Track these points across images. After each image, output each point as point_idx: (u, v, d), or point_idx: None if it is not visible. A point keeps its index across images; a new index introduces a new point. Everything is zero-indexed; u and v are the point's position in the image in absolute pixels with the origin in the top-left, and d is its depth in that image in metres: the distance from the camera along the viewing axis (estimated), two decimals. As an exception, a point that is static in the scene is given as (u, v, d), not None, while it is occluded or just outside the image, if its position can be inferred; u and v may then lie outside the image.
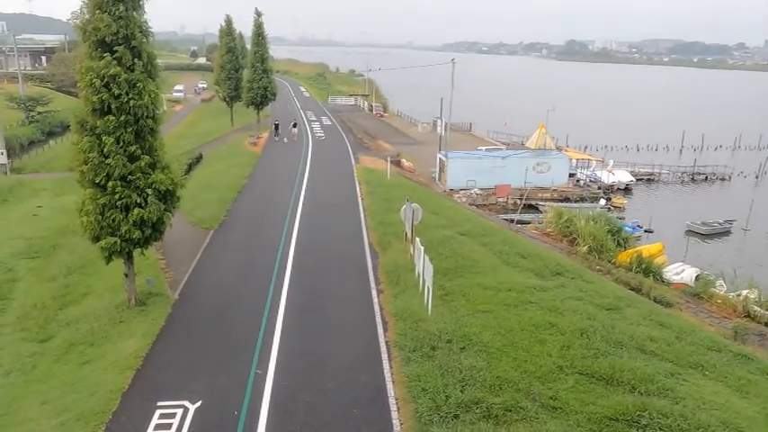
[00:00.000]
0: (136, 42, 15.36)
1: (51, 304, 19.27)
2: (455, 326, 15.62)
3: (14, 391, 14.18)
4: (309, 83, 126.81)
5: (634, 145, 70.25)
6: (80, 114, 15.69)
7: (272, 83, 56.07)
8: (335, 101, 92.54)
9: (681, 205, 48.16)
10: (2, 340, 17.23)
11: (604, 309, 17.43)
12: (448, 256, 21.13)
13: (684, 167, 58.35)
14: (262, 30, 54.42)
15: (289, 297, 18.10)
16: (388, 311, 17.03)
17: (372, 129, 64.89)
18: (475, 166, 45.21)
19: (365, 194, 31.99)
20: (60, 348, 15.91)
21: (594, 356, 14.12)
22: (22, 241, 26.27)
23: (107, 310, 17.52)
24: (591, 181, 49.57)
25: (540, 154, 48.74)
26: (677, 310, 19.47)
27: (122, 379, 13.47)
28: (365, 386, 13.20)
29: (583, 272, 21.40)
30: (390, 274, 19.89)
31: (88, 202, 15.90)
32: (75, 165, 15.83)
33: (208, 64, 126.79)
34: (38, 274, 22.48)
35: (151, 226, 16.40)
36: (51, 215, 30.85)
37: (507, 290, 18.14)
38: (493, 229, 27.23)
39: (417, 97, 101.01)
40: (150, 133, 16.20)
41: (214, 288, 19.12)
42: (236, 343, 15.25)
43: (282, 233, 24.72)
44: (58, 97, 71.96)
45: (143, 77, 15.47)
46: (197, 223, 26.10)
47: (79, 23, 15.25)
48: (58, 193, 36.57)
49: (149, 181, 16.04)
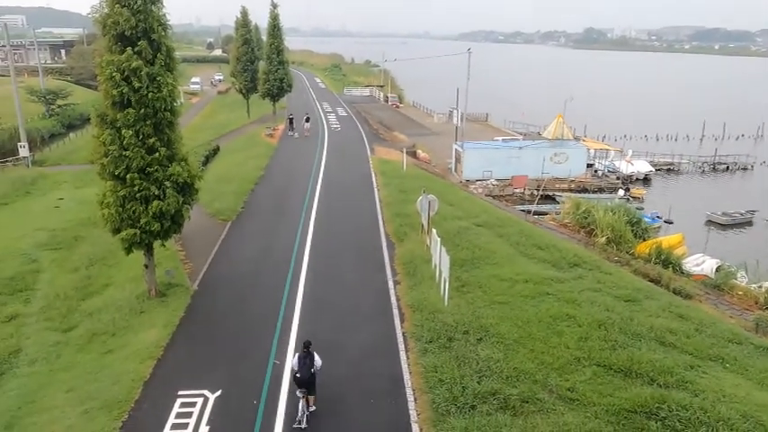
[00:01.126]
0: (155, 36, 15.50)
1: (74, 295, 19.63)
2: (472, 317, 15.63)
3: (40, 379, 14.51)
4: (325, 74, 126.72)
5: (653, 134, 69.22)
6: (100, 107, 15.89)
7: (288, 74, 56.14)
8: (351, 92, 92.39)
9: (701, 196, 47.42)
10: (27, 330, 17.61)
11: (623, 300, 17.32)
12: (464, 247, 21.10)
13: (705, 157, 57.35)
14: (277, 21, 54.45)
15: (306, 288, 18.24)
16: (404, 302, 17.09)
17: (388, 120, 64.74)
18: (491, 157, 44.92)
19: (381, 186, 32.01)
20: (83, 338, 16.23)
21: (612, 348, 14.06)
22: (44, 233, 26.73)
23: (128, 300, 17.81)
24: (609, 171, 48.97)
25: (557, 144, 48.25)
26: (697, 301, 19.27)
27: (144, 368, 13.72)
28: (382, 376, 13.29)
29: (601, 263, 21.26)
30: (407, 266, 19.93)
31: (109, 195, 16.13)
32: (95, 157, 16.05)
33: (224, 56, 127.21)
34: (60, 265, 22.88)
35: (170, 218, 16.60)
36: (73, 207, 31.33)
37: (524, 281, 18.11)
38: (509, 220, 27.11)
39: (433, 87, 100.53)
40: (168, 126, 16.36)
41: (232, 279, 19.33)
42: (255, 333, 15.43)
43: (299, 224, 24.87)
44: (77, 90, 72.76)
45: (162, 71, 15.61)
46: (215, 215, 26.35)
47: (99, 17, 15.42)
48: (79, 185, 37.10)
49: (167, 173, 16.22)
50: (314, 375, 11.69)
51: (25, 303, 19.69)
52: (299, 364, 11.62)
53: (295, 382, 11.76)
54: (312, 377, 11.65)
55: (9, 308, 19.25)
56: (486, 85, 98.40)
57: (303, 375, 11.56)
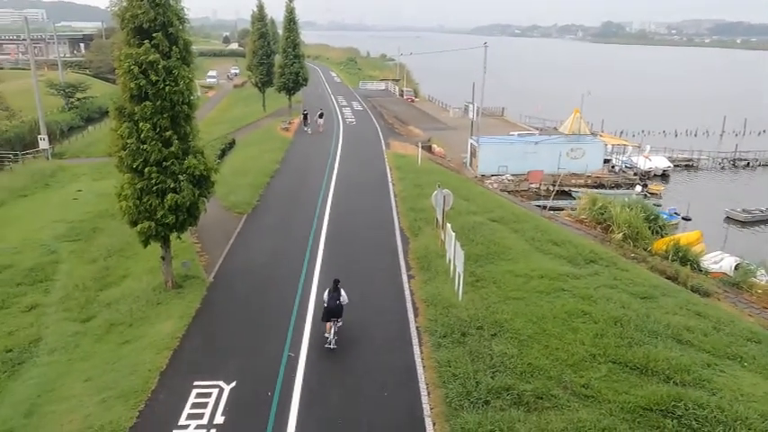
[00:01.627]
0: (173, 29, 15.59)
1: (92, 285, 19.91)
2: (486, 312, 15.59)
3: (59, 368, 14.76)
4: (340, 68, 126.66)
5: (672, 130, 68.30)
6: (118, 100, 16.04)
7: (304, 68, 56.19)
8: (366, 86, 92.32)
9: (721, 192, 46.74)
10: (46, 319, 17.90)
11: (639, 297, 17.16)
12: (479, 242, 21.02)
13: (725, 153, 56.48)
14: (293, 15, 54.47)
15: (320, 280, 18.30)
16: (418, 297, 17.09)
17: (403, 114, 64.60)
18: (507, 152, 44.65)
19: (396, 180, 31.98)
20: (101, 328, 16.46)
21: (628, 345, 13.94)
22: (63, 224, 27.12)
23: (145, 291, 18.03)
24: (627, 167, 48.43)
25: (574, 139, 47.81)
26: (715, 299, 19.03)
27: (160, 359, 13.89)
28: (395, 370, 13.32)
29: (617, 260, 21.06)
30: (421, 260, 19.92)
31: (126, 187, 16.31)
32: (113, 150, 16.23)
33: (240, 49, 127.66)
34: (79, 257, 23.21)
35: (185, 211, 16.73)
36: (91, 199, 31.73)
37: (539, 277, 18.00)
38: (525, 215, 26.95)
39: (449, 82, 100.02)
40: (185, 119, 16.47)
41: (248, 271, 19.47)
42: (270, 325, 15.53)
43: (314, 217, 24.95)
44: (95, 83, 73.62)
45: (179, 64, 15.71)
46: (230, 208, 26.52)
47: (117, 11, 15.54)
48: (97, 177, 37.55)
49: (183, 166, 16.33)
50: (341, 307, 14.27)
51: (45, 293, 20.02)
52: (329, 298, 14.24)
53: (325, 312, 14.30)
54: (339, 308, 14.27)
55: (29, 298, 19.60)
56: (503, 80, 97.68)
57: (331, 306, 14.18)
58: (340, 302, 14.26)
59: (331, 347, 14.07)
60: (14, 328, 17.48)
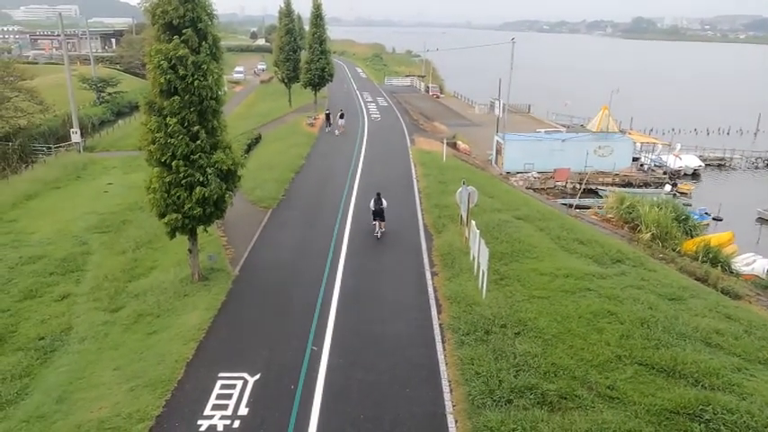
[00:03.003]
0: (202, 25, 15.79)
1: (121, 276, 20.34)
2: (510, 311, 15.48)
3: (89, 356, 15.12)
4: (366, 63, 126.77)
5: (704, 128, 66.74)
6: (149, 95, 16.32)
7: (330, 64, 56.37)
8: (391, 82, 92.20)
9: (754, 193, 45.52)
10: (77, 309, 18.36)
11: (667, 299, 16.85)
12: (503, 240, 20.87)
13: (759, 152, 54.98)
14: (320, 11, 54.62)
15: (344, 276, 18.40)
16: (442, 294, 17.05)
17: (428, 110, 64.37)
18: (533, 149, 44.17)
19: (420, 176, 31.91)
20: (130, 318, 16.81)
21: (655, 347, 13.70)
22: (94, 216, 27.74)
23: (172, 283, 18.34)
24: (656, 165, 47.50)
25: (601, 137, 47.08)
26: (746, 302, 18.58)
27: (186, 350, 14.13)
28: (418, 367, 13.32)
29: (645, 260, 20.70)
30: (445, 257, 19.86)
31: (155, 180, 16.59)
32: (143, 144, 16.53)
33: (267, 45, 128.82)
34: (109, 248, 23.72)
35: (213, 204, 16.97)
36: (121, 192, 32.39)
37: (564, 276, 17.80)
38: (551, 213, 26.65)
39: (475, 78, 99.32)
40: (213, 114, 16.67)
41: (272, 265, 19.66)
42: (294, 319, 15.67)
43: (338, 213, 25.05)
44: (126, 78, 75.05)
45: (208, 59, 15.90)
46: (256, 202, 26.79)
47: (148, 7, 15.80)
48: (127, 170, 38.31)
49: (211, 160, 16.55)
50: (383, 210, 21.63)
51: (76, 283, 20.53)
52: (375, 204, 21.65)
53: (373, 213, 21.79)
54: (382, 211, 21.64)
55: (61, 287, 20.12)
56: (530, 76, 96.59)
57: (377, 209, 21.62)
58: (382, 207, 21.54)
59: (377, 236, 21.64)
60: (47, 317, 17.98)
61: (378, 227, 21.88)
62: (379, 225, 21.85)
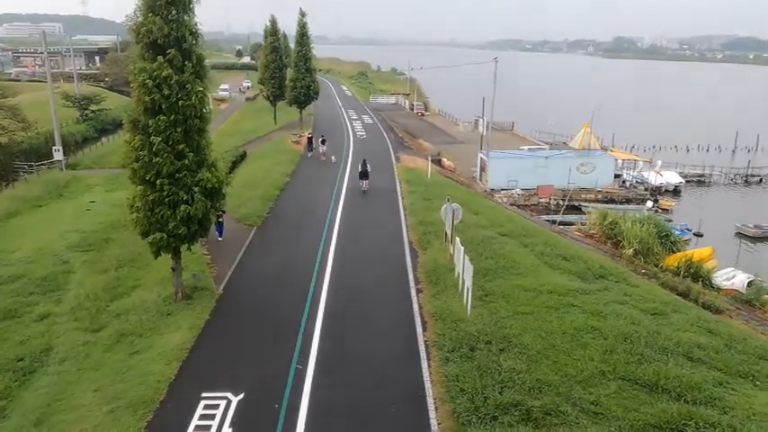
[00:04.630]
0: (186, 44, 15.86)
1: (103, 296, 20.06)
2: (494, 327, 15.53)
3: (68, 377, 14.85)
4: (351, 81, 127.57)
5: (683, 145, 67.95)
6: (133, 113, 16.28)
7: (315, 82, 56.67)
8: (377, 99, 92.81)
9: (733, 208, 46.31)
10: (57, 329, 18.05)
11: (649, 314, 17.04)
12: (488, 256, 20.99)
13: (737, 169, 56.04)
14: (305, 29, 55.05)
15: (329, 294, 18.35)
16: (427, 311, 17.06)
17: (413, 127, 64.82)
18: (517, 166, 44.62)
19: (406, 193, 32.06)
20: (111, 338, 16.56)
21: (638, 362, 13.82)
22: (76, 234, 27.40)
23: (155, 302, 18.14)
24: (637, 182, 48.21)
25: (584, 154, 47.72)
26: (727, 316, 18.84)
27: (169, 370, 13.95)
28: (403, 385, 13.28)
29: (627, 275, 20.93)
30: (430, 274, 19.90)
31: (138, 199, 16.50)
32: (126, 162, 16.46)
33: (252, 63, 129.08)
34: (91, 267, 23.41)
35: (197, 222, 16.89)
36: (104, 210, 32.08)
37: (548, 292, 17.93)
38: (534, 229, 26.89)
39: (459, 96, 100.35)
40: (198, 132, 16.69)
41: (257, 283, 19.55)
42: (278, 338, 15.57)
43: (323, 230, 25.04)
44: (110, 96, 74.65)
45: (192, 78, 15.94)
46: (241, 220, 26.69)
47: (133, 26, 15.84)
48: (110, 188, 37.99)
49: (196, 179, 16.52)
50: (368, 172, 32.00)
51: (57, 303, 20.20)
52: (362, 167, 32.25)
53: (359, 174, 32.42)
54: (367, 172, 31.95)
55: (41, 307, 19.78)
56: (513, 94, 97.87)
57: (363, 170, 32.18)
58: (367, 170, 32.23)
59: (364, 191, 31.62)
60: (26, 337, 17.65)
61: (364, 184, 31.94)
62: (365, 183, 31.82)
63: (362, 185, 32.18)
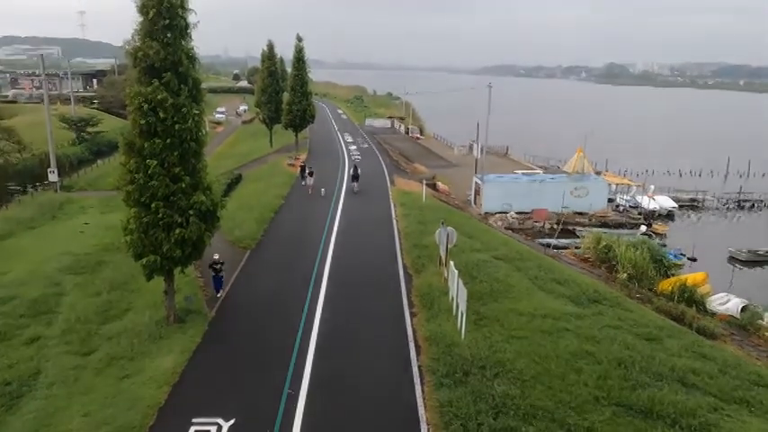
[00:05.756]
0: (183, 68, 16.01)
1: (95, 319, 19.86)
2: (489, 351, 15.46)
3: (57, 402, 14.62)
4: (347, 105, 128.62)
5: (676, 170, 68.56)
6: (128, 136, 16.35)
7: (311, 105, 57.14)
8: (372, 123, 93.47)
9: (726, 233, 46.57)
10: (47, 352, 17.82)
11: (644, 338, 17.01)
12: (482, 280, 20.98)
13: (730, 194, 56.51)
14: (302, 54, 55.68)
15: (323, 317, 18.25)
16: (421, 335, 16.97)
17: (408, 151, 65.24)
18: (511, 190, 44.86)
19: (400, 216, 32.11)
20: (102, 362, 16.37)
21: (633, 388, 13.76)
22: (69, 257, 27.21)
23: (147, 325, 17.98)
24: (631, 206, 48.49)
25: (577, 178, 48.06)
26: (721, 342, 18.83)
27: (159, 394, 13.78)
28: (397, 411, 13.14)
29: (622, 300, 20.95)
30: (424, 298, 19.85)
31: (133, 221, 16.46)
32: (121, 184, 16.48)
33: (249, 86, 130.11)
34: (83, 289, 23.21)
35: (191, 245, 16.85)
36: (97, 232, 31.92)
37: (543, 316, 17.90)
38: (529, 253, 26.92)
39: (454, 120, 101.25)
40: (194, 155, 16.74)
41: (250, 307, 19.43)
42: (270, 362, 15.43)
43: (318, 253, 24.99)
44: (106, 118, 74.80)
45: (188, 102, 16.05)
46: (235, 242, 26.62)
47: (130, 50, 16.00)
48: (105, 210, 37.88)
49: (191, 201, 16.53)
50: (358, 175, 38.50)
51: (47, 326, 19.97)
52: (353, 171, 39.31)
53: (351, 178, 39.10)
54: (358, 175, 38.51)
55: (31, 330, 19.55)
56: (507, 119, 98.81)
57: (354, 174, 38.73)
58: (358, 174, 37.85)
59: (355, 191, 36.79)
60: (15, 361, 17.39)
61: (355, 186, 37.86)
62: (356, 185, 37.90)
63: (354, 187, 37.88)
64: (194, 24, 16.50)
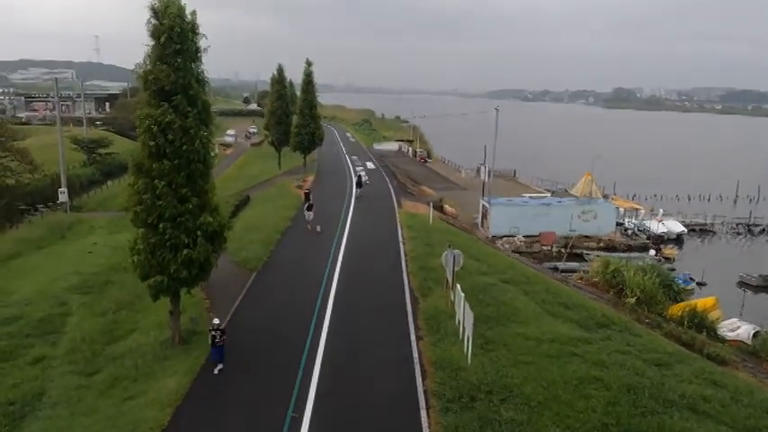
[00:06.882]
0: (192, 91, 16.26)
1: (100, 339, 19.89)
2: (495, 376, 15.26)
3: (60, 423, 14.57)
4: (356, 128, 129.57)
5: (685, 194, 68.29)
6: (137, 157, 16.54)
7: (320, 129, 57.62)
8: (380, 146, 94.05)
9: (735, 258, 46.12)
10: (52, 372, 17.82)
11: (653, 364, 16.75)
12: (489, 303, 20.81)
13: (740, 219, 56.12)
14: (311, 78, 56.34)
15: (328, 340, 18.12)
16: (427, 359, 16.80)
17: (416, 174, 65.43)
18: (518, 213, 44.79)
19: (407, 239, 32.03)
20: (105, 382, 16.33)
21: (642, 415, 13.51)
22: (76, 276, 27.37)
23: (152, 346, 17.94)
24: (639, 230, 48.22)
25: (585, 202, 47.97)
26: (733, 368, 18.49)
27: (162, 416, 13.67)
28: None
29: (630, 325, 20.69)
30: (430, 321, 19.68)
31: (140, 242, 16.56)
32: (129, 205, 16.61)
33: (259, 109, 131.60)
34: (89, 309, 23.29)
35: (198, 266, 16.88)
36: (105, 252, 32.12)
37: (550, 341, 17.68)
38: (536, 277, 26.73)
39: (461, 143, 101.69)
40: (201, 177, 16.89)
41: (255, 329, 19.34)
42: (275, 384, 15.30)
43: (324, 275, 24.91)
44: (118, 140, 75.75)
45: (196, 124, 16.24)
46: (241, 263, 26.62)
47: (141, 73, 16.28)
48: (113, 230, 38.14)
49: (198, 222, 16.61)
50: (362, 182, 45.67)
51: (52, 346, 20.01)
52: (357, 178, 46.49)
53: (356, 184, 45.01)
54: (361, 183, 45.33)
55: (36, 350, 19.60)
56: (515, 142, 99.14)
57: (359, 182, 45.31)
58: (363, 181, 45.92)
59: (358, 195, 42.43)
60: (19, 381, 17.42)
61: (358, 191, 43.16)
62: (358, 190, 43.49)
63: (357, 192, 43.44)
64: (205, 48, 16.82)
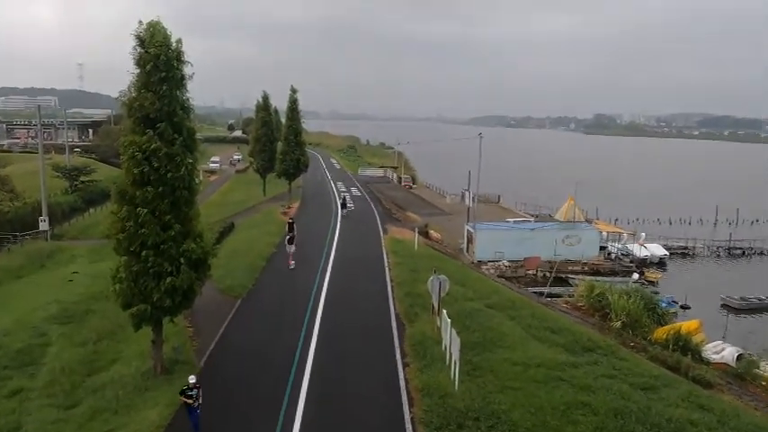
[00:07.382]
0: (177, 118, 16.27)
1: (80, 370, 19.44)
2: (483, 402, 15.14)
3: (36, 459, 14.13)
4: (340, 155, 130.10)
5: (666, 218, 69.26)
6: (121, 184, 16.42)
7: (305, 155, 57.83)
8: (365, 172, 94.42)
9: (717, 280, 46.67)
10: (29, 405, 17.34)
11: (640, 388, 16.76)
12: (475, 329, 20.75)
13: (720, 242, 56.98)
14: (296, 105, 56.77)
15: (314, 368, 17.89)
16: (413, 386, 16.64)
17: (401, 200, 65.68)
18: (503, 238, 45.02)
19: (393, 265, 31.99)
20: (84, 416, 15.90)
21: (630, 440, 13.44)
22: (56, 306, 26.86)
23: (133, 377, 17.56)
24: (622, 254, 48.68)
25: (569, 226, 48.41)
26: (718, 391, 18.57)
27: (143, 450, 13.31)
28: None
29: (616, 348, 20.73)
30: (417, 347, 19.55)
31: (122, 270, 16.32)
32: (112, 232, 16.42)
33: (244, 136, 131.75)
34: (69, 339, 22.81)
35: (182, 294, 16.67)
36: (86, 281, 31.61)
37: (537, 366, 17.64)
38: (522, 302, 26.78)
39: (446, 169, 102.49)
40: (186, 203, 16.79)
41: (239, 358, 19.04)
42: (259, 415, 15.02)
43: (309, 301, 24.72)
44: (101, 167, 75.28)
45: (181, 151, 16.22)
46: (225, 291, 26.33)
47: (126, 100, 16.28)
48: (94, 259, 37.59)
49: (181, 250, 16.44)
50: (346, 204, 50.37)
51: (30, 378, 19.51)
52: (341, 202, 51.22)
53: (341, 206, 49.63)
54: (345, 204, 50.30)
55: (14, 382, 19.10)
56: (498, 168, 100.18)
57: (343, 203, 50.49)
58: (347, 204, 49.92)
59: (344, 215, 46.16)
60: (-5, 415, 16.90)
61: (344, 211, 46.64)
62: (345, 210, 47.19)
63: (343, 212, 46.90)
64: (190, 76, 16.88)
